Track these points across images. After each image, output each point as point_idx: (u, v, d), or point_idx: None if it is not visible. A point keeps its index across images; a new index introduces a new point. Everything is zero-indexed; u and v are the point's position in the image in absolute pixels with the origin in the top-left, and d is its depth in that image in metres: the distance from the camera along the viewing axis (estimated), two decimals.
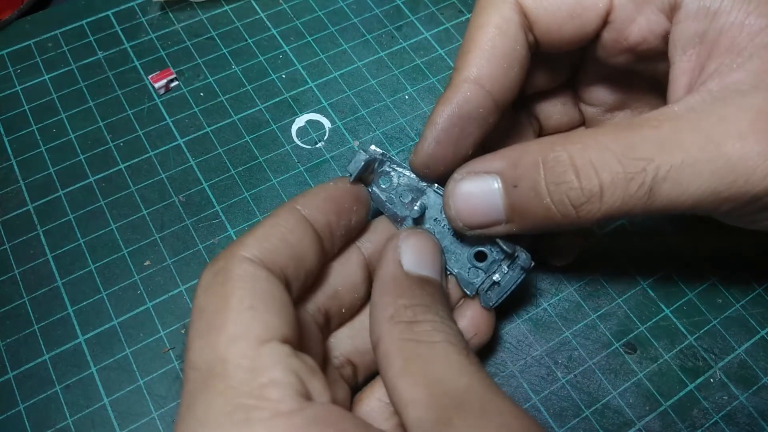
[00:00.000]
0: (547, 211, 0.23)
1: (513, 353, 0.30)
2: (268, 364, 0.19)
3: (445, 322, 0.23)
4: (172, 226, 0.34)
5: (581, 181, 0.22)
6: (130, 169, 0.36)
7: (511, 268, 0.27)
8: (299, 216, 0.24)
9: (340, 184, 0.27)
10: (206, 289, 0.22)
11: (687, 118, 0.22)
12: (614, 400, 0.29)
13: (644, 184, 0.21)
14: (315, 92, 0.39)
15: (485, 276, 0.27)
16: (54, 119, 0.37)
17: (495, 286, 0.27)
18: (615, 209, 0.22)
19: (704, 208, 0.22)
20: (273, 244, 0.23)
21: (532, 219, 0.24)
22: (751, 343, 0.31)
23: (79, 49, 0.40)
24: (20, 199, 0.34)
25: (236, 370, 0.19)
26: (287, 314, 0.21)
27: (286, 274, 0.23)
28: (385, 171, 0.28)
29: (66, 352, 0.30)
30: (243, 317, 0.20)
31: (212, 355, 0.20)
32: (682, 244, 0.34)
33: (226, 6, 0.42)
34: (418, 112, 0.38)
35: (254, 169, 0.36)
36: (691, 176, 0.21)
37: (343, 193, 0.26)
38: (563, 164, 0.22)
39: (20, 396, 0.29)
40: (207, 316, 0.21)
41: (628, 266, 0.33)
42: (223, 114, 0.38)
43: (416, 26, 0.42)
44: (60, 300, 0.32)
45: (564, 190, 0.22)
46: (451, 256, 0.28)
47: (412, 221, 0.28)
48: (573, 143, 0.22)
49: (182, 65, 0.39)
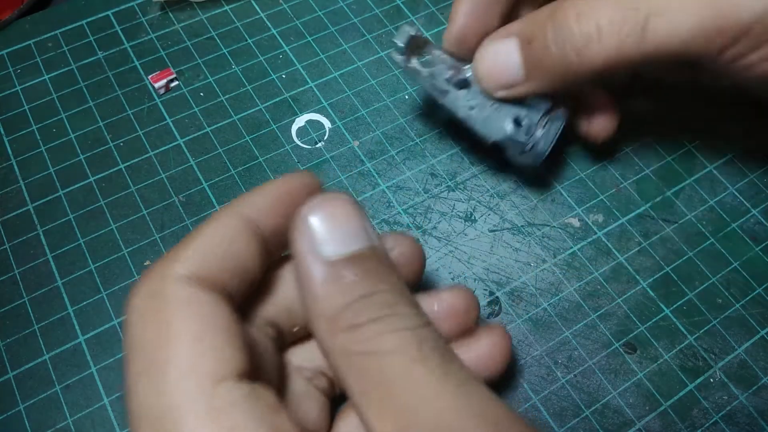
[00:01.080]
0: (554, 60, 0.26)
1: (513, 353, 0.30)
2: (225, 407, 0.16)
3: (397, 309, 0.18)
4: (172, 226, 0.34)
5: (581, 26, 0.25)
6: (130, 169, 0.36)
7: (550, 121, 0.30)
8: (243, 221, 0.20)
9: (290, 180, 0.22)
10: (141, 317, 0.18)
11: None
12: (614, 400, 0.29)
13: (637, 23, 0.24)
14: (315, 92, 0.39)
15: (527, 137, 0.30)
16: (54, 119, 0.37)
17: (539, 142, 0.30)
18: (613, 53, 0.25)
19: (696, 49, 0.24)
20: (214, 257, 0.19)
21: (545, 72, 0.27)
22: (751, 343, 0.31)
23: (79, 49, 0.40)
24: (20, 199, 0.34)
25: (191, 418, 0.16)
26: (238, 341, 0.18)
27: (231, 291, 0.19)
28: (426, 51, 0.31)
29: (66, 352, 0.30)
30: (190, 352, 0.17)
31: (160, 400, 0.17)
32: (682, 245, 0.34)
33: (226, 6, 0.42)
34: (418, 112, 0.38)
35: (254, 169, 0.36)
36: (679, 11, 0.23)
37: (295, 191, 0.22)
38: (567, 15, 0.25)
39: (20, 396, 0.29)
40: (146, 351, 0.17)
41: (628, 266, 0.33)
42: (223, 114, 0.38)
43: (416, 26, 0.42)
44: (60, 300, 0.32)
45: (566, 36, 0.25)
46: (493, 124, 0.30)
47: (454, 90, 0.30)
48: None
49: (182, 65, 0.39)
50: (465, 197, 0.35)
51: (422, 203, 0.35)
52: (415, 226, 0.34)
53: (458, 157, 0.36)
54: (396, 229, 0.34)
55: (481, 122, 0.30)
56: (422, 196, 0.35)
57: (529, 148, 0.30)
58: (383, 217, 0.34)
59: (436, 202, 0.35)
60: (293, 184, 0.22)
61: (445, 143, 0.37)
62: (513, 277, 0.32)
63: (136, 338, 0.18)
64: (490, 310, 0.32)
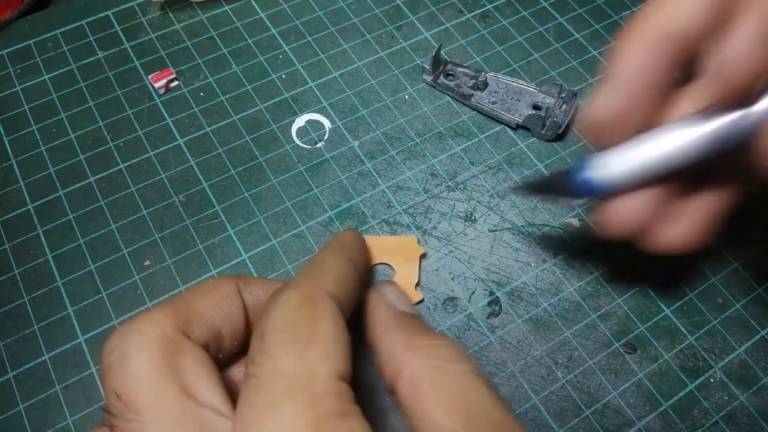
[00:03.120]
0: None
1: (513, 353, 0.30)
2: (344, 391, 0.19)
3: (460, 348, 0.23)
4: (172, 226, 0.34)
5: None
6: (130, 169, 0.36)
7: (564, 102, 0.37)
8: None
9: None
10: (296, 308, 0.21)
11: None
12: (614, 400, 0.29)
13: None
14: (315, 92, 0.39)
15: (545, 117, 0.36)
16: (54, 119, 0.37)
17: (558, 117, 0.36)
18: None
19: None
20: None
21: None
22: (751, 343, 0.31)
23: (79, 49, 0.40)
24: (20, 199, 0.34)
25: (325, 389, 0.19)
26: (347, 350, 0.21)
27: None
28: (449, 69, 0.39)
29: (66, 352, 0.30)
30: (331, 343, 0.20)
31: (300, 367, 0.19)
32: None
33: (226, 6, 0.42)
34: (418, 112, 0.38)
35: (254, 169, 0.36)
36: None
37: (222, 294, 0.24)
38: None
39: (20, 396, 0.29)
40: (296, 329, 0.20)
41: (628, 266, 0.33)
42: (223, 114, 0.38)
43: (416, 26, 0.42)
44: (60, 300, 0.32)
45: None
46: (516, 112, 0.37)
47: (478, 92, 0.38)
48: None
49: (182, 65, 0.39)
50: (465, 197, 0.35)
51: (422, 203, 0.35)
52: (415, 226, 0.34)
53: (458, 157, 0.36)
54: (396, 229, 0.34)
55: (506, 111, 0.37)
56: (422, 196, 0.35)
57: (550, 123, 0.36)
58: (383, 217, 0.34)
59: (436, 202, 0.35)
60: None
61: (445, 143, 0.37)
62: (513, 277, 0.32)
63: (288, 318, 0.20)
64: (491, 310, 0.31)
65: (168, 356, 0.20)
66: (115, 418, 0.19)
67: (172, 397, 0.19)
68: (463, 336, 0.31)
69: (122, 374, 0.19)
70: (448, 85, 0.39)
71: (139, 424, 0.18)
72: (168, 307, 0.21)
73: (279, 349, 0.19)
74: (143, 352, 0.19)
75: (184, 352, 0.20)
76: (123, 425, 0.19)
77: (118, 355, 0.20)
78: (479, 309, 0.32)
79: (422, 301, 0.32)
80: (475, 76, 0.38)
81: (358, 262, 0.25)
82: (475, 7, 0.43)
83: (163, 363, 0.19)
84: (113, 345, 0.20)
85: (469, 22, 0.42)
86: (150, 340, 0.20)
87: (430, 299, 0.32)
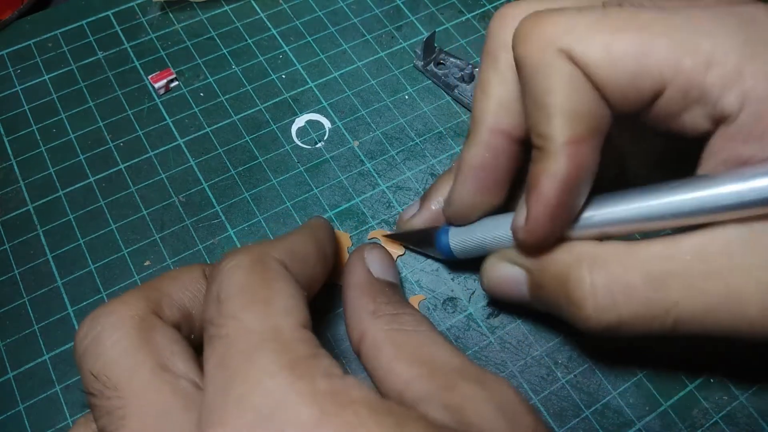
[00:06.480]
0: (563, 315, 0.24)
1: (513, 353, 0.30)
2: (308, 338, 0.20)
3: (423, 317, 0.25)
4: (172, 226, 0.34)
5: (599, 315, 0.22)
6: (130, 169, 0.36)
7: None
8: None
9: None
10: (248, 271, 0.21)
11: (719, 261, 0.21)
12: (614, 400, 0.29)
13: (664, 324, 0.22)
14: (315, 92, 0.39)
15: None
16: (54, 119, 0.37)
17: None
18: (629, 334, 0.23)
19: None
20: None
21: (553, 312, 0.25)
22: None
23: (79, 49, 0.40)
24: (20, 199, 0.34)
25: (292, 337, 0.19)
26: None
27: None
28: (440, 58, 0.39)
29: (66, 352, 0.30)
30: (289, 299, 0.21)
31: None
32: None
33: (226, 6, 0.42)
34: (418, 112, 0.38)
35: (254, 169, 0.36)
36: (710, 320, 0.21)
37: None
38: (584, 291, 0.22)
39: (20, 396, 0.29)
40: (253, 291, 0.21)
41: None
42: (223, 114, 0.38)
43: (416, 26, 0.42)
44: (60, 300, 0.32)
45: (579, 315, 0.23)
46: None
47: (463, 84, 0.38)
48: (599, 269, 0.22)
49: (182, 65, 0.39)
50: None
51: None
52: None
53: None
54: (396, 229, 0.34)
55: None
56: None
57: None
58: (383, 217, 0.34)
59: None
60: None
61: (445, 143, 0.37)
62: None
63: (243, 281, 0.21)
64: (490, 310, 0.31)
65: (141, 333, 0.20)
66: (95, 398, 0.19)
67: (148, 369, 0.19)
68: (463, 336, 0.31)
69: (97, 354, 0.19)
70: (436, 72, 0.39)
71: (119, 399, 0.19)
72: (138, 291, 0.22)
73: (242, 309, 0.20)
74: (117, 331, 0.20)
75: (157, 329, 0.20)
76: (103, 403, 0.19)
77: (92, 337, 0.20)
78: (479, 309, 0.32)
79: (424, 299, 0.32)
80: (463, 68, 0.38)
81: (323, 243, 0.26)
82: (475, 7, 0.43)
83: (137, 339, 0.20)
84: (86, 330, 0.20)
85: (469, 22, 0.42)
86: (123, 320, 0.20)
87: (430, 299, 0.32)
